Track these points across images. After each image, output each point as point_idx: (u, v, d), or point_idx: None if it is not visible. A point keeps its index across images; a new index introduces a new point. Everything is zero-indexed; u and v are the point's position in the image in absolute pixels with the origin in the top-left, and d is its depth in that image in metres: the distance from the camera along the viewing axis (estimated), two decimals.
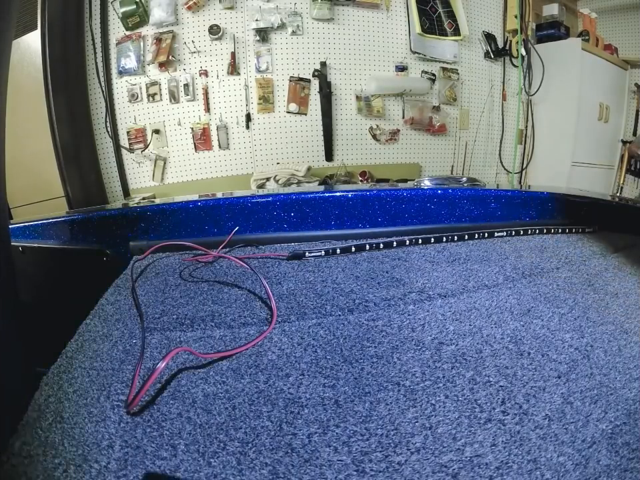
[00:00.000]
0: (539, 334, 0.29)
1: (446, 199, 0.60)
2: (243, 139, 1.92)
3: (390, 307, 0.34)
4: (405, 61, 2.03)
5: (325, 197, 0.58)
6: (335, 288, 0.37)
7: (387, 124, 2.06)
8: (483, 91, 2.25)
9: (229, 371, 0.26)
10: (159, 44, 1.78)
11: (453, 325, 0.30)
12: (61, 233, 0.53)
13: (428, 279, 0.38)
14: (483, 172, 2.32)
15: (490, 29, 2.23)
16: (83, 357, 0.27)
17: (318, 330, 0.30)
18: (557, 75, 2.20)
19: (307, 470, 0.19)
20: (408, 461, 0.19)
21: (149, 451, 0.20)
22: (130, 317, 0.33)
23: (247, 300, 0.36)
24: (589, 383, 0.24)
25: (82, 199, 1.69)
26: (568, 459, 0.19)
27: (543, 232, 0.53)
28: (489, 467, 0.18)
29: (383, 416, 0.22)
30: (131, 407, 0.22)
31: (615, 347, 0.27)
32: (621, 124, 2.54)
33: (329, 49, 1.92)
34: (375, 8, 1.94)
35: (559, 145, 2.27)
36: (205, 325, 0.32)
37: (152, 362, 0.27)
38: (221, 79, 1.85)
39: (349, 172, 1.99)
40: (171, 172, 1.93)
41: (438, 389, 0.23)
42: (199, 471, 0.18)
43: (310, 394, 0.24)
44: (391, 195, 0.58)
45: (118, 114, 1.84)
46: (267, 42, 1.85)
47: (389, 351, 0.27)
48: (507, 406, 0.22)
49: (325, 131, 1.97)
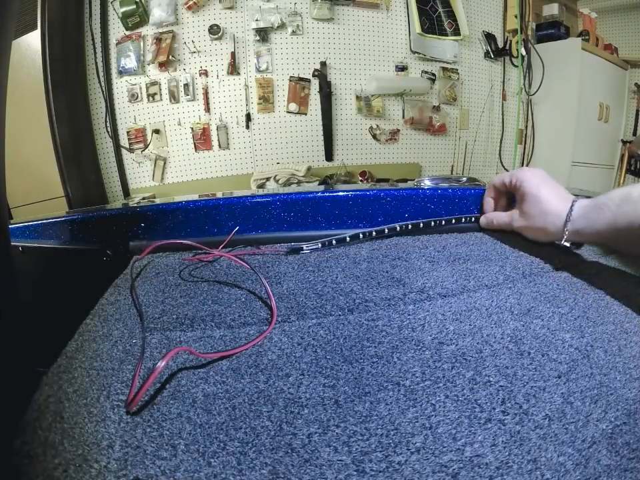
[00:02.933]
0: (539, 334, 0.29)
1: (446, 198, 0.60)
2: (243, 138, 1.92)
3: (390, 306, 0.34)
4: (405, 61, 2.03)
5: (325, 196, 0.58)
6: (334, 288, 0.37)
7: (386, 124, 2.06)
8: (483, 91, 2.25)
9: (229, 370, 0.26)
10: (159, 44, 1.78)
11: (453, 324, 0.30)
12: (61, 233, 0.53)
13: (428, 279, 0.38)
14: (483, 172, 2.32)
15: (490, 28, 2.23)
16: (83, 357, 0.27)
17: (318, 330, 0.30)
18: (557, 75, 2.20)
19: (307, 470, 0.19)
20: (408, 461, 0.19)
21: (149, 450, 0.20)
22: (130, 317, 0.33)
23: (247, 300, 0.36)
24: (589, 382, 0.24)
25: (82, 198, 1.68)
26: (568, 459, 0.19)
27: None
28: (489, 467, 0.18)
29: (383, 416, 0.22)
30: (130, 406, 0.22)
31: (615, 346, 0.27)
32: (621, 124, 2.54)
33: (328, 48, 1.92)
34: (375, 8, 1.94)
35: (559, 145, 2.27)
36: (205, 325, 0.32)
37: (152, 362, 0.27)
38: (221, 78, 1.85)
39: (349, 172, 1.99)
40: (171, 172, 1.93)
41: (438, 388, 0.23)
42: (199, 471, 0.18)
43: (310, 394, 0.24)
44: (391, 195, 0.58)
45: (118, 114, 1.84)
46: (267, 42, 1.85)
47: (389, 351, 0.27)
48: (507, 406, 0.22)
49: (324, 130, 1.97)
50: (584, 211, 0.39)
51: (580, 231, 0.39)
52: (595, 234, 0.38)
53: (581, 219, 0.39)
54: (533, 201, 0.43)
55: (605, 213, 0.37)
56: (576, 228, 0.39)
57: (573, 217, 0.39)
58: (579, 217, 0.39)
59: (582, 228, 0.39)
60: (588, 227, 0.38)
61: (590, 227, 0.38)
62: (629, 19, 2.50)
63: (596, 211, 0.37)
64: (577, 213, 0.39)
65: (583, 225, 0.39)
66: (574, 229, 0.39)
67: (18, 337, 0.26)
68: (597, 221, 0.37)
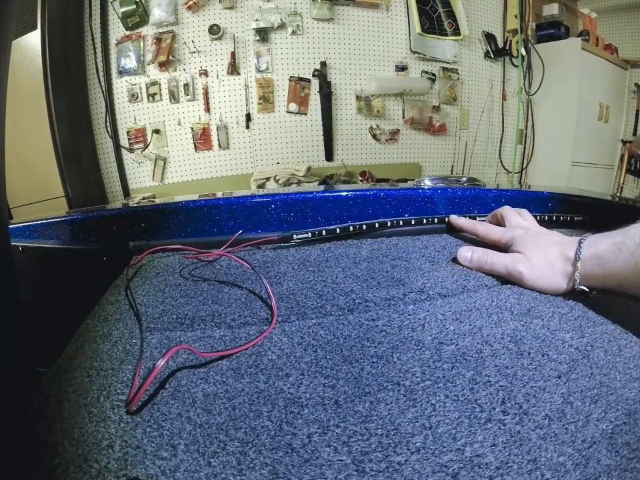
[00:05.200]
0: (539, 334, 0.29)
1: (446, 198, 0.60)
2: (242, 138, 1.92)
3: (390, 306, 0.34)
4: (404, 61, 2.03)
5: (325, 196, 0.58)
6: (335, 288, 0.37)
7: (386, 124, 2.06)
8: (483, 91, 2.25)
9: (229, 370, 0.26)
10: (159, 44, 1.78)
11: (453, 324, 0.30)
12: (61, 233, 0.53)
13: (428, 279, 0.38)
14: (483, 172, 2.32)
15: (490, 28, 2.23)
16: (83, 357, 0.27)
17: (318, 330, 0.30)
18: (557, 75, 2.20)
19: (307, 470, 0.19)
20: (408, 461, 0.19)
21: (149, 450, 0.20)
22: (130, 317, 0.33)
23: (247, 299, 0.36)
24: (589, 382, 0.24)
25: (82, 199, 1.69)
26: (568, 459, 0.19)
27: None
28: (489, 467, 0.18)
29: (383, 416, 0.22)
30: (130, 405, 0.22)
31: (615, 346, 0.27)
32: (621, 124, 2.54)
33: (328, 48, 1.92)
34: (375, 8, 1.94)
35: (559, 145, 2.27)
36: (205, 325, 0.32)
37: (152, 362, 0.27)
38: (221, 78, 1.85)
39: (349, 172, 1.99)
40: (170, 172, 1.93)
41: (438, 388, 0.23)
42: (199, 471, 0.18)
43: (310, 394, 0.23)
44: (391, 195, 0.58)
45: (118, 114, 1.84)
46: (267, 42, 1.85)
47: (389, 351, 0.27)
48: (507, 406, 0.22)
49: (324, 130, 1.97)
50: (595, 251, 0.33)
51: (591, 275, 0.33)
52: (611, 277, 0.32)
53: (593, 260, 0.33)
54: (535, 248, 0.37)
55: (622, 253, 0.31)
56: (586, 271, 0.33)
57: (582, 257, 0.33)
58: (589, 258, 0.33)
59: (594, 271, 0.33)
60: (602, 270, 0.33)
61: (605, 269, 0.32)
62: (629, 18, 2.50)
63: (612, 251, 0.32)
64: (586, 253, 0.33)
65: (594, 267, 0.33)
66: (585, 271, 0.33)
67: (18, 337, 0.26)
68: (614, 263, 0.32)
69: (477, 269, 0.40)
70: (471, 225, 0.48)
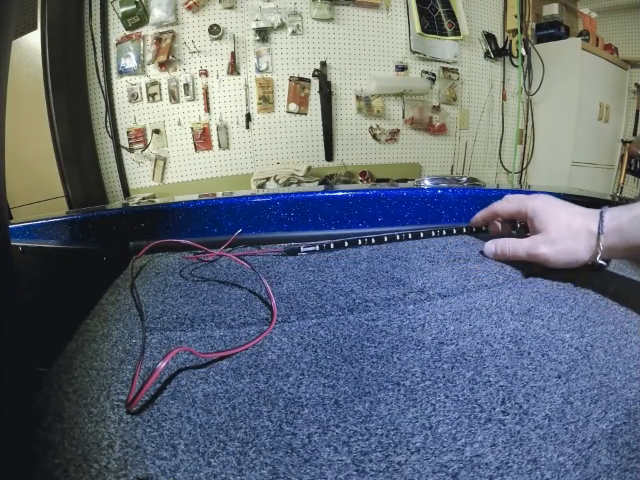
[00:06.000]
0: (539, 334, 0.29)
1: (446, 198, 0.60)
2: (242, 138, 1.92)
3: (390, 306, 0.34)
4: (404, 61, 2.03)
5: (325, 196, 0.58)
6: (334, 288, 0.37)
7: (386, 124, 2.06)
8: (483, 91, 2.25)
9: (229, 370, 0.26)
10: (159, 44, 1.78)
11: (453, 324, 0.30)
12: (61, 233, 0.53)
13: (428, 279, 0.38)
14: (483, 172, 2.32)
15: (490, 28, 2.23)
16: (83, 357, 0.27)
17: (318, 330, 0.30)
18: (557, 75, 2.20)
19: (307, 470, 0.19)
20: (408, 461, 0.19)
21: (149, 450, 0.20)
22: (130, 317, 0.33)
23: (247, 300, 0.36)
24: (589, 382, 0.24)
25: (82, 199, 1.69)
26: (568, 459, 0.19)
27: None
28: (489, 467, 0.18)
29: (383, 416, 0.22)
30: (130, 406, 0.22)
31: (615, 346, 0.27)
32: (621, 124, 2.54)
33: (328, 48, 1.92)
34: (375, 8, 1.94)
35: (559, 145, 2.27)
36: (205, 325, 0.32)
37: (152, 362, 0.27)
38: (221, 78, 1.85)
39: (349, 172, 1.99)
40: (170, 172, 1.93)
41: (438, 388, 0.23)
42: (199, 471, 0.18)
43: (310, 394, 0.23)
44: (391, 195, 0.58)
45: (118, 114, 1.84)
46: (267, 42, 1.85)
47: (389, 351, 0.27)
48: (507, 406, 0.22)
49: (324, 130, 1.97)
50: (617, 223, 0.33)
51: (613, 247, 0.34)
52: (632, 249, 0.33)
53: (614, 233, 0.34)
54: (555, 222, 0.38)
55: None
56: (609, 243, 0.34)
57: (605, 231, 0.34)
58: (611, 231, 0.34)
59: (615, 243, 0.34)
60: (623, 242, 0.33)
61: (626, 241, 0.33)
62: (628, 18, 2.50)
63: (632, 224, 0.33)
64: (608, 226, 0.34)
65: (616, 240, 0.33)
66: (607, 244, 0.34)
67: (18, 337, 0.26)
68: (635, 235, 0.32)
69: (502, 258, 0.42)
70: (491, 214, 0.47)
